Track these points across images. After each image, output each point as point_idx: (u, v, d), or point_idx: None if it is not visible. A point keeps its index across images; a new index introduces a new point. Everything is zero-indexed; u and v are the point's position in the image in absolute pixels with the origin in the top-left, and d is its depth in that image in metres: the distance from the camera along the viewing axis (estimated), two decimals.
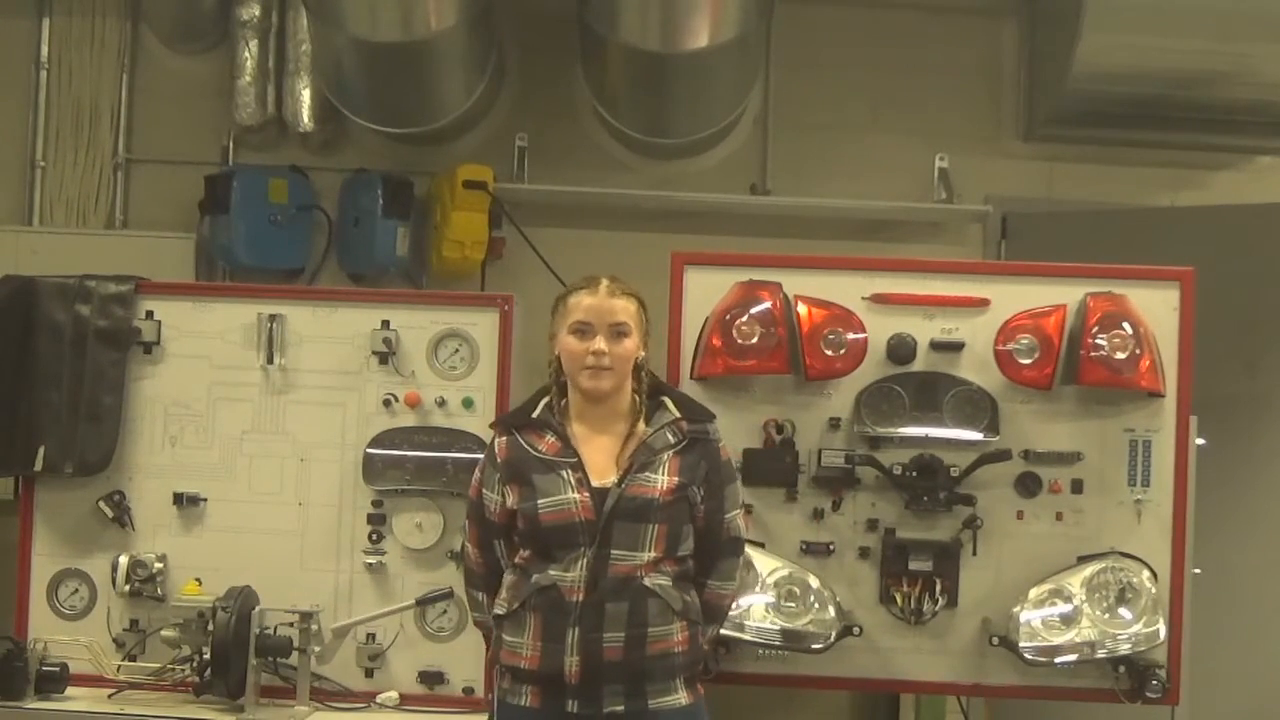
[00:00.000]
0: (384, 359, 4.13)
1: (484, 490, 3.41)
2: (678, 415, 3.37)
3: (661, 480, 3.28)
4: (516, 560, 3.34)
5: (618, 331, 3.33)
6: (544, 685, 3.24)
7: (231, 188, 5.07)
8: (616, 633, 3.20)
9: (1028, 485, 3.92)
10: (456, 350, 4.16)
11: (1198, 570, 4.03)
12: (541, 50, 5.34)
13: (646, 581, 3.24)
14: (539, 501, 3.27)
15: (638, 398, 3.39)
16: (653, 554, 3.25)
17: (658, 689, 3.25)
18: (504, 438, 3.39)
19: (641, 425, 3.35)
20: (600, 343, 3.30)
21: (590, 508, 3.24)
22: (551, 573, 3.24)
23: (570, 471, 3.28)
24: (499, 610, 3.33)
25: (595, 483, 3.27)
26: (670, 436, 3.34)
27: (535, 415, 3.38)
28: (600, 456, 3.32)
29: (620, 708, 3.21)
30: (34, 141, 5.32)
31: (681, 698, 3.28)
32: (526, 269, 5.13)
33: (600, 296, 3.35)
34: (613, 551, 3.22)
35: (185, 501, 4.13)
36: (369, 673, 4.09)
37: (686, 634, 3.29)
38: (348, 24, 4.47)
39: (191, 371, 4.16)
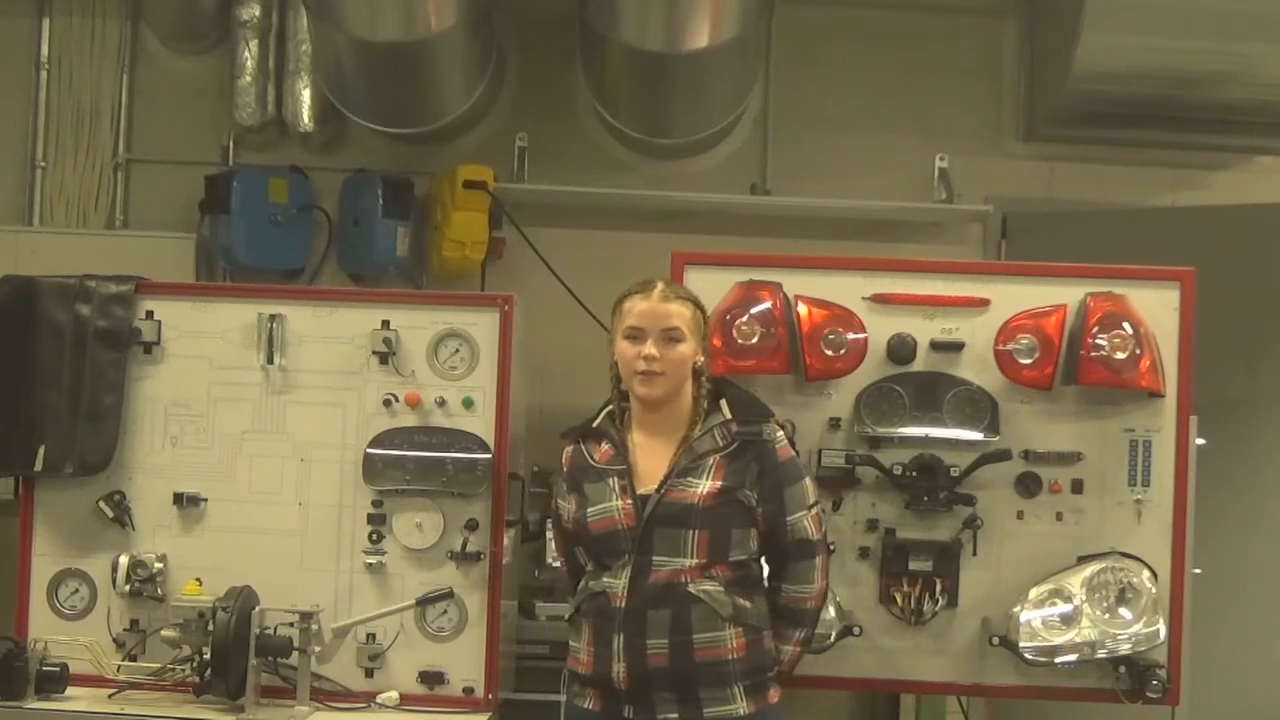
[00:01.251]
0: (384, 359, 4.13)
1: (558, 500, 3.47)
2: (728, 417, 3.34)
3: (703, 485, 3.25)
4: (588, 567, 3.38)
5: (670, 337, 3.30)
6: (601, 690, 3.26)
7: (231, 188, 5.08)
8: (660, 639, 3.18)
9: (1028, 485, 3.92)
10: (456, 350, 4.16)
11: (1198, 570, 4.02)
12: (541, 50, 5.35)
13: (691, 588, 3.21)
14: (588, 510, 3.29)
15: (698, 404, 3.36)
16: (696, 560, 3.22)
17: (713, 697, 3.20)
18: (570, 447, 3.43)
19: (698, 431, 3.33)
20: (651, 347, 3.28)
21: (632, 514, 3.24)
22: (604, 579, 3.26)
23: (617, 479, 3.28)
24: (566, 615, 3.38)
25: (640, 490, 3.27)
26: (718, 439, 3.30)
27: (596, 424, 3.40)
28: (654, 463, 3.31)
29: (674, 715, 3.19)
30: (34, 141, 5.33)
31: (740, 707, 3.21)
32: (526, 269, 5.13)
33: (653, 301, 3.32)
34: (654, 558, 3.22)
35: (185, 501, 4.12)
36: (369, 673, 4.09)
37: (742, 640, 3.23)
38: (347, 24, 4.48)
39: (191, 371, 4.15)
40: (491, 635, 4.05)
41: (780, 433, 3.39)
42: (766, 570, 3.39)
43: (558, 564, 3.70)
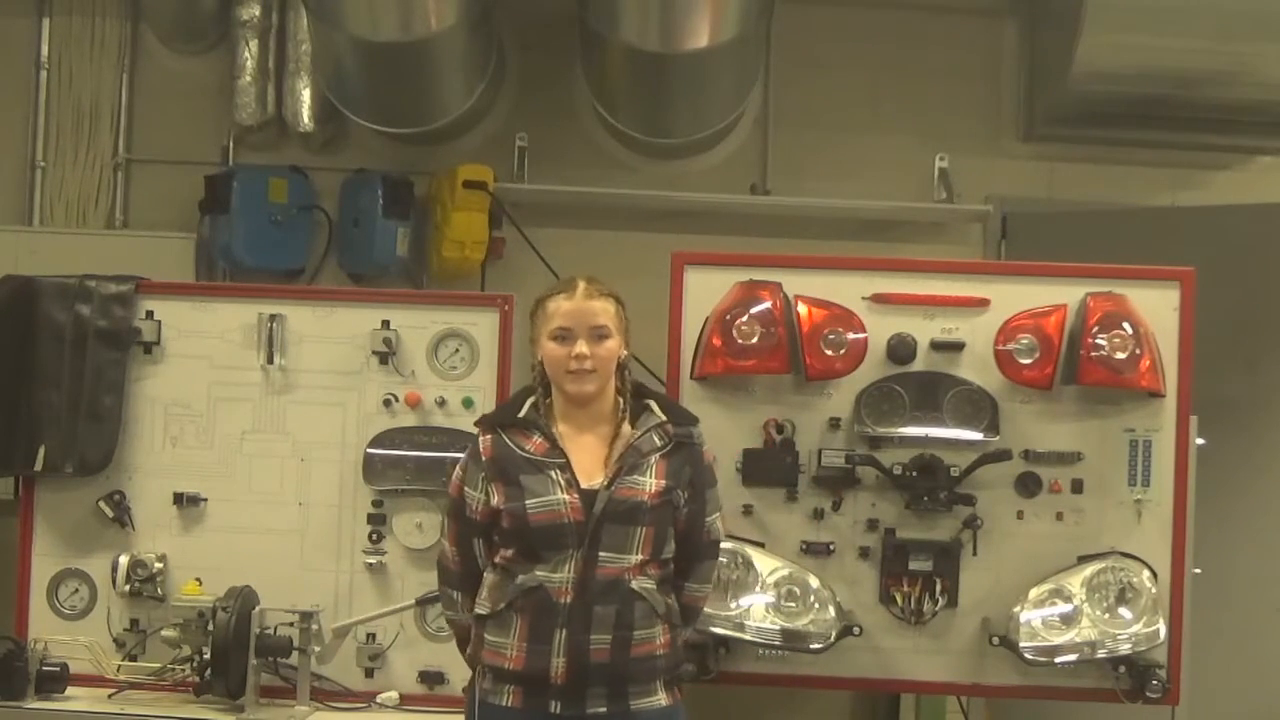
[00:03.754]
0: (384, 359, 4.13)
1: (465, 488, 3.38)
2: (664, 418, 3.36)
3: (649, 483, 3.27)
4: (498, 560, 3.31)
5: (598, 334, 3.31)
6: (527, 686, 3.23)
7: (231, 188, 5.08)
8: (603, 635, 3.19)
9: (1028, 485, 3.92)
10: (456, 350, 4.16)
11: (1198, 570, 4.03)
12: (541, 50, 5.34)
13: (634, 584, 3.23)
14: (527, 502, 3.25)
15: (620, 399, 3.38)
16: (640, 556, 3.24)
17: (639, 690, 3.24)
18: (489, 436, 3.36)
19: (626, 427, 3.34)
20: (582, 346, 3.29)
21: (580, 509, 3.23)
22: (539, 574, 3.22)
23: (559, 472, 3.26)
24: (480, 610, 3.30)
25: (584, 484, 3.26)
26: (657, 439, 3.33)
27: (522, 415, 3.36)
28: (586, 458, 3.30)
29: (603, 709, 3.20)
30: (34, 141, 5.32)
31: (662, 699, 3.27)
32: (526, 269, 5.13)
33: (578, 300, 3.33)
34: (601, 554, 3.21)
35: (185, 501, 4.13)
36: (369, 673, 4.09)
37: (668, 636, 3.29)
38: (347, 24, 4.48)
39: (191, 371, 4.16)
40: None
41: (703, 436, 3.44)
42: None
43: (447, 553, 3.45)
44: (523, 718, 3.23)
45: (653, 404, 3.40)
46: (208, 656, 3.83)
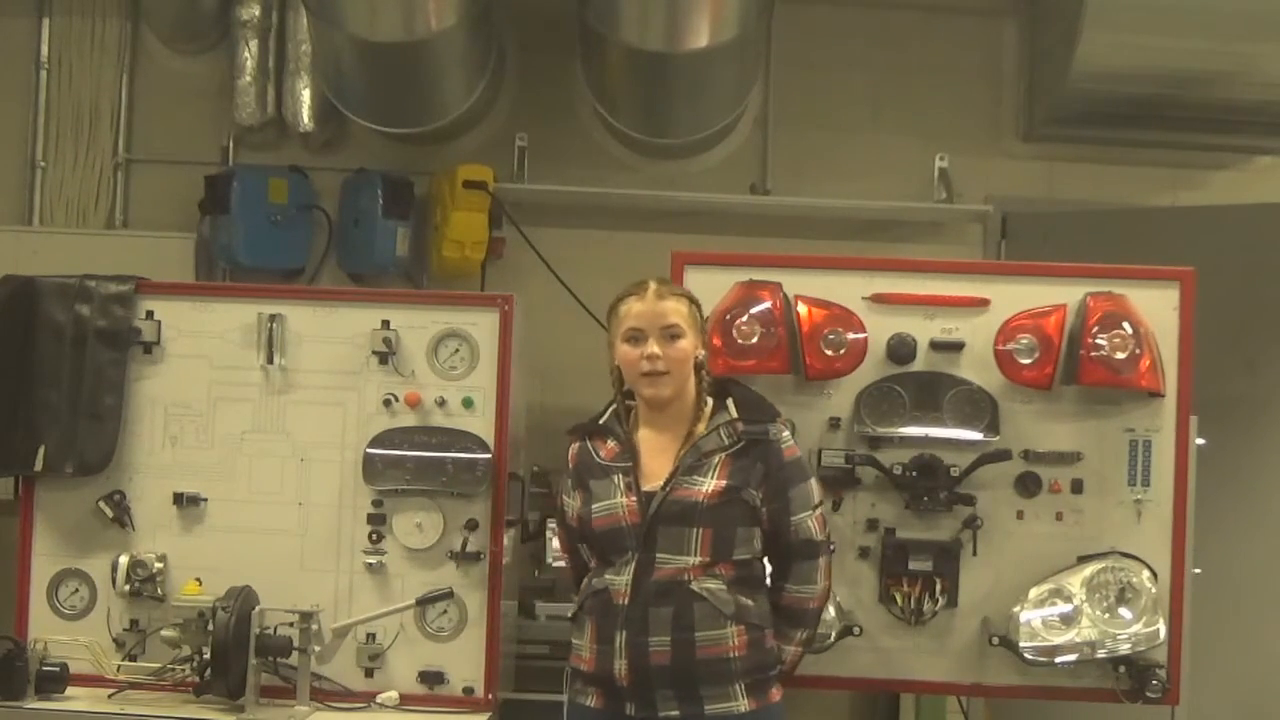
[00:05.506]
0: (384, 359, 4.13)
1: (563, 496, 3.47)
2: (734, 416, 3.34)
3: (707, 483, 3.25)
4: (592, 564, 3.38)
5: (670, 334, 3.31)
6: (603, 687, 3.26)
7: (231, 188, 5.08)
8: (662, 637, 3.18)
9: (1028, 485, 3.91)
10: (456, 350, 4.16)
11: (1198, 570, 4.02)
12: (541, 50, 5.35)
13: (694, 586, 3.21)
14: (593, 506, 3.29)
15: (700, 399, 3.37)
16: (700, 558, 3.22)
17: (714, 694, 3.21)
18: (576, 444, 3.42)
19: (702, 428, 3.33)
20: (653, 346, 3.29)
21: (636, 511, 3.24)
22: (606, 576, 3.26)
23: (622, 476, 3.28)
24: (570, 613, 3.38)
25: (645, 486, 3.27)
26: (724, 438, 3.31)
27: (602, 421, 3.40)
28: (659, 460, 3.31)
29: (675, 713, 3.20)
30: (34, 141, 5.33)
31: (741, 704, 3.22)
32: (526, 269, 5.13)
33: (649, 301, 3.33)
34: (657, 555, 3.22)
35: (185, 501, 4.12)
36: (369, 673, 4.09)
37: (744, 638, 3.24)
38: (347, 24, 4.48)
39: (191, 371, 4.15)
40: (491, 635, 4.05)
41: (786, 432, 3.40)
42: (769, 569, 3.39)
43: (561, 562, 3.69)
44: (605, 718, 3.27)
45: (729, 401, 3.38)
46: (208, 656, 3.82)
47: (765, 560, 3.37)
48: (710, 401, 3.38)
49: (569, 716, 3.37)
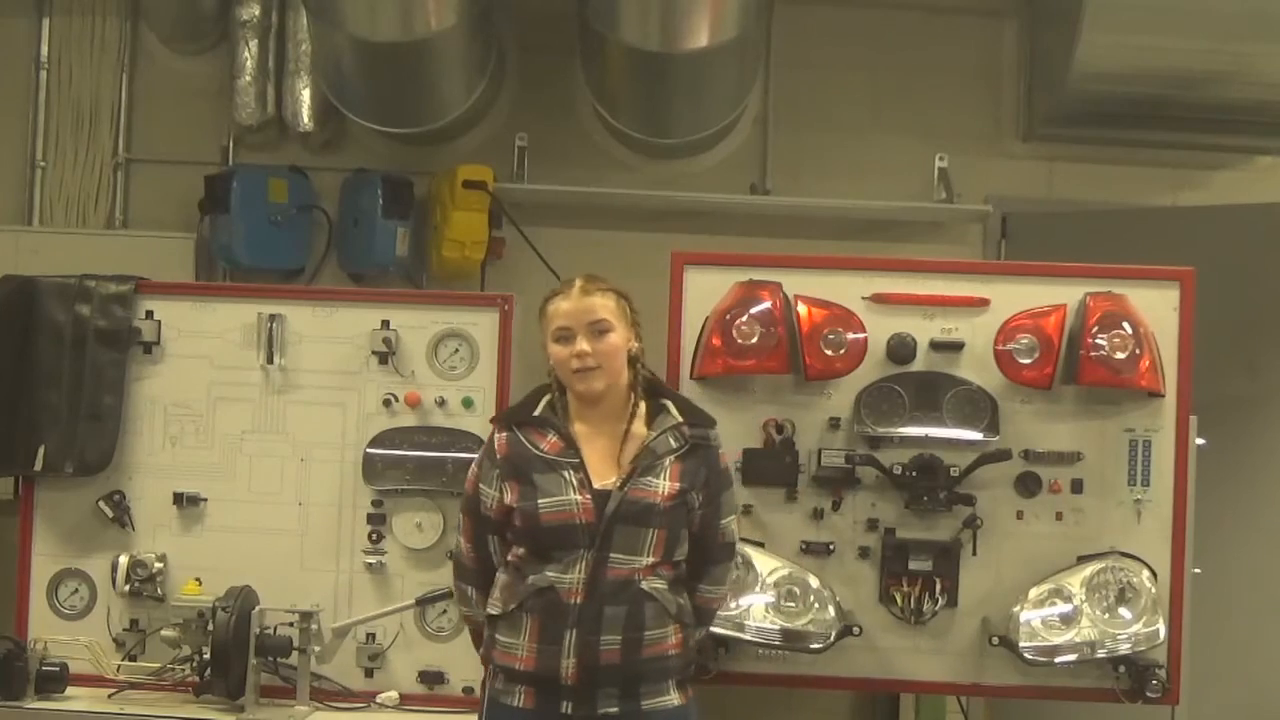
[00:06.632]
0: (384, 359, 4.13)
1: (480, 485, 3.39)
2: (680, 419, 3.36)
3: (663, 485, 3.28)
4: (510, 558, 3.32)
5: (598, 330, 3.32)
6: (539, 686, 3.23)
7: (231, 188, 5.07)
8: (614, 636, 3.19)
9: (1028, 485, 3.92)
10: (456, 350, 4.16)
11: (1198, 570, 4.03)
12: (541, 50, 5.34)
13: (644, 585, 3.24)
14: (540, 501, 3.25)
15: (634, 394, 3.38)
16: (651, 558, 3.25)
17: (651, 690, 3.26)
18: (504, 434, 3.37)
19: (640, 426, 3.34)
20: (582, 344, 3.30)
21: (591, 510, 3.23)
22: (549, 574, 3.23)
23: (572, 472, 3.27)
24: (493, 610, 3.31)
25: (596, 485, 3.26)
26: (673, 441, 3.33)
27: (537, 413, 3.37)
28: (599, 458, 3.31)
29: (614, 709, 3.21)
30: (34, 141, 5.32)
31: (674, 699, 3.29)
32: (526, 269, 5.13)
33: (574, 299, 3.35)
34: (612, 555, 3.22)
35: (185, 501, 4.13)
36: (369, 673, 4.09)
37: (680, 637, 3.30)
38: (347, 24, 4.47)
39: (191, 371, 4.16)
40: None
41: (719, 439, 3.44)
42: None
43: (462, 550, 3.47)
44: (534, 718, 3.24)
45: (670, 405, 3.39)
46: (207, 656, 3.83)
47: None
48: (642, 400, 3.38)
49: (491, 717, 3.31)
